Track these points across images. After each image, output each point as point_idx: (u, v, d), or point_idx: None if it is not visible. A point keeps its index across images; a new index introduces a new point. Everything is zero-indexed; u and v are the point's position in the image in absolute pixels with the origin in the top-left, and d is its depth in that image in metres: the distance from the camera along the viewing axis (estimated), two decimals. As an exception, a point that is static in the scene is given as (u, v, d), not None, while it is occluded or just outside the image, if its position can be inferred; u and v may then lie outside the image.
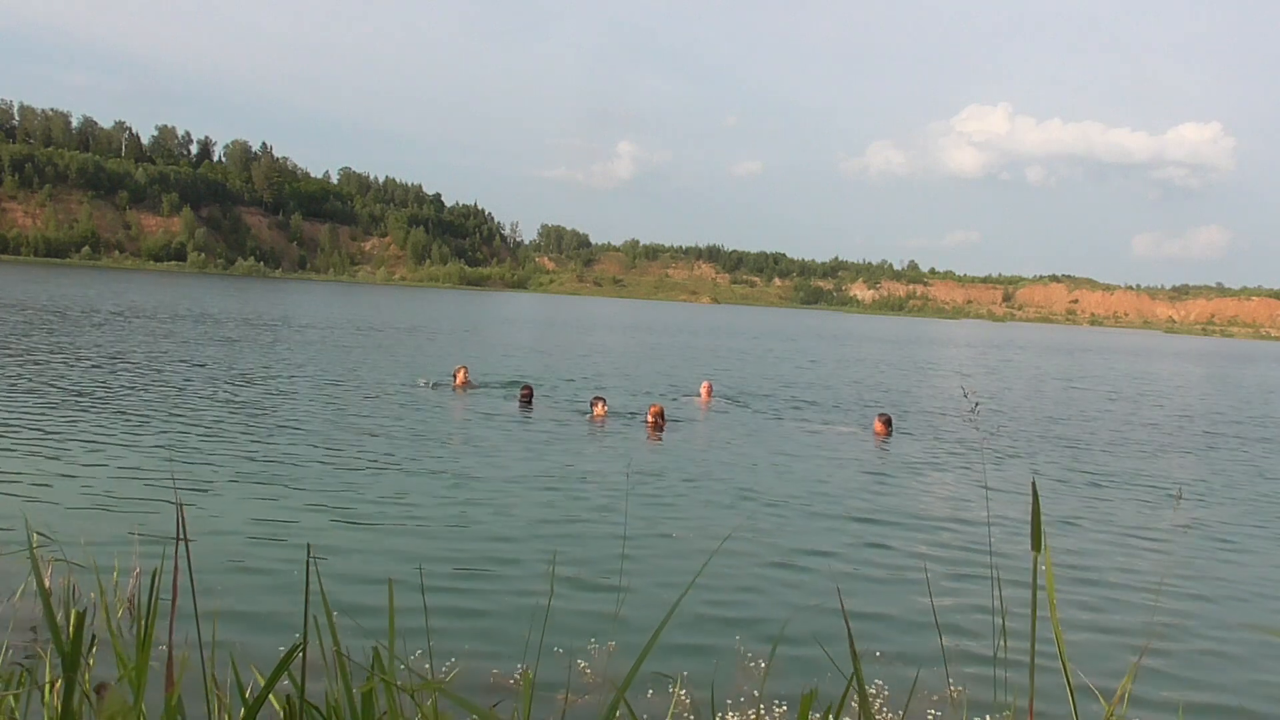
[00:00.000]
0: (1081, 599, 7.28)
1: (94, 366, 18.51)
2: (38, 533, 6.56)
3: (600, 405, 15.38)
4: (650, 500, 9.84)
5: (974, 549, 8.61)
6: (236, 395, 15.78)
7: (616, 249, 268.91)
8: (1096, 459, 14.65)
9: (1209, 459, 15.69)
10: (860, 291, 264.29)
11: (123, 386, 15.92)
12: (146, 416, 13.00)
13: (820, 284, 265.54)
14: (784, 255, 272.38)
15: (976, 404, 19.25)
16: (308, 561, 1.73)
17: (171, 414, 13.34)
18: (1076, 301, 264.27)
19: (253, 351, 24.30)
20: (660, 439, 13.95)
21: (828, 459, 13.16)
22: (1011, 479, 12.43)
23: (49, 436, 11.21)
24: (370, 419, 14.07)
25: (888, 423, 15.76)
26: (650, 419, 14.74)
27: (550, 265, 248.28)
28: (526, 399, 16.56)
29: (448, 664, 5.23)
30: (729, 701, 5.07)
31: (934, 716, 5.01)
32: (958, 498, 11.21)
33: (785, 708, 5.02)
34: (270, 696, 1.65)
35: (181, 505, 1.78)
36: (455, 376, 18.55)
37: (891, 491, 11.18)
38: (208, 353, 22.89)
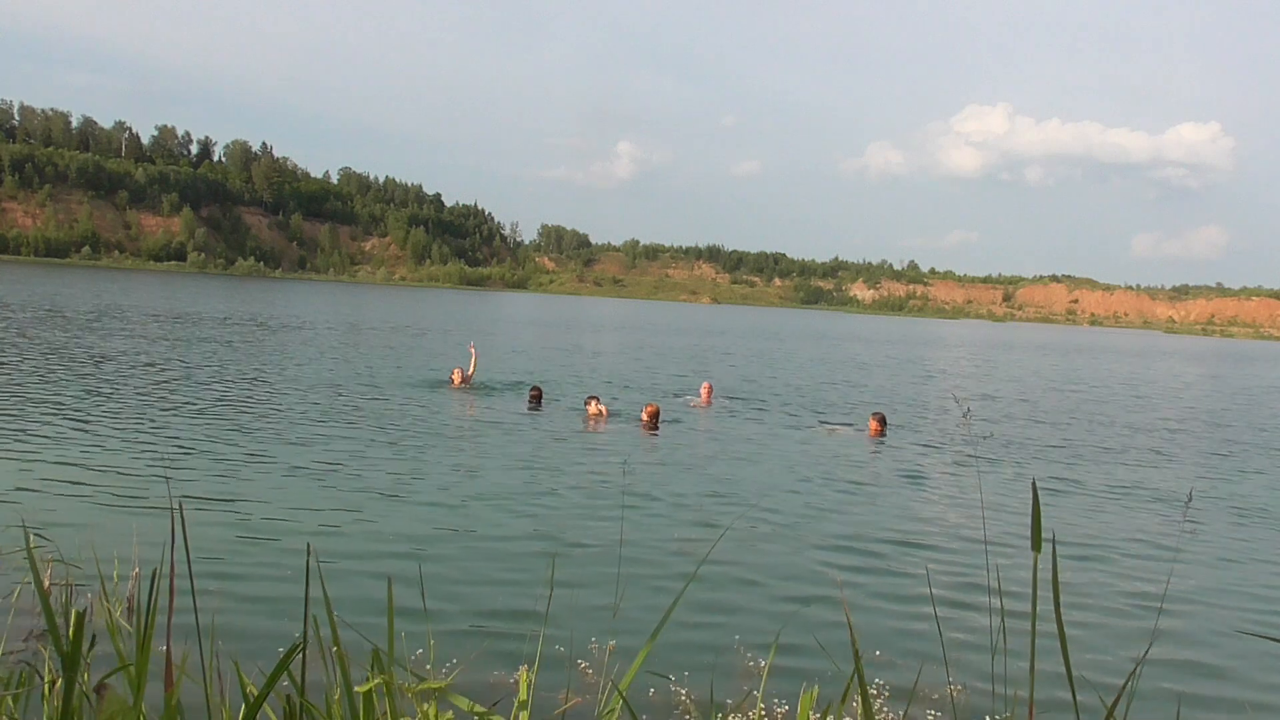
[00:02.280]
0: (1082, 602, 7.27)
1: (91, 366, 18.50)
2: (35, 533, 6.55)
3: (594, 404, 15.45)
4: (649, 500, 9.83)
5: (973, 549, 8.60)
6: (235, 395, 15.78)
7: (616, 249, 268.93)
8: (1094, 462, 14.65)
9: (1208, 463, 15.69)
10: (860, 291, 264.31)
11: (119, 386, 15.91)
12: (144, 416, 12.99)
13: (820, 284, 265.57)
14: (784, 255, 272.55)
15: (968, 410, 19.27)
16: (308, 561, 1.73)
17: (169, 413, 13.34)
18: (1076, 301, 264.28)
19: (251, 351, 24.29)
20: (656, 437, 13.98)
21: (825, 458, 13.16)
22: (1010, 480, 12.43)
23: (45, 436, 11.20)
24: (372, 419, 14.07)
25: (882, 421, 15.80)
26: (645, 418, 14.89)
27: (550, 265, 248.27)
28: (535, 400, 16.56)
29: (448, 664, 5.23)
30: (729, 701, 5.07)
31: (934, 716, 5.01)
32: (956, 497, 11.21)
33: (785, 708, 5.01)
34: (270, 696, 1.65)
35: (181, 504, 1.78)
36: (453, 378, 18.65)
37: (889, 491, 11.18)
38: (205, 352, 22.88)
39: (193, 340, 26.40)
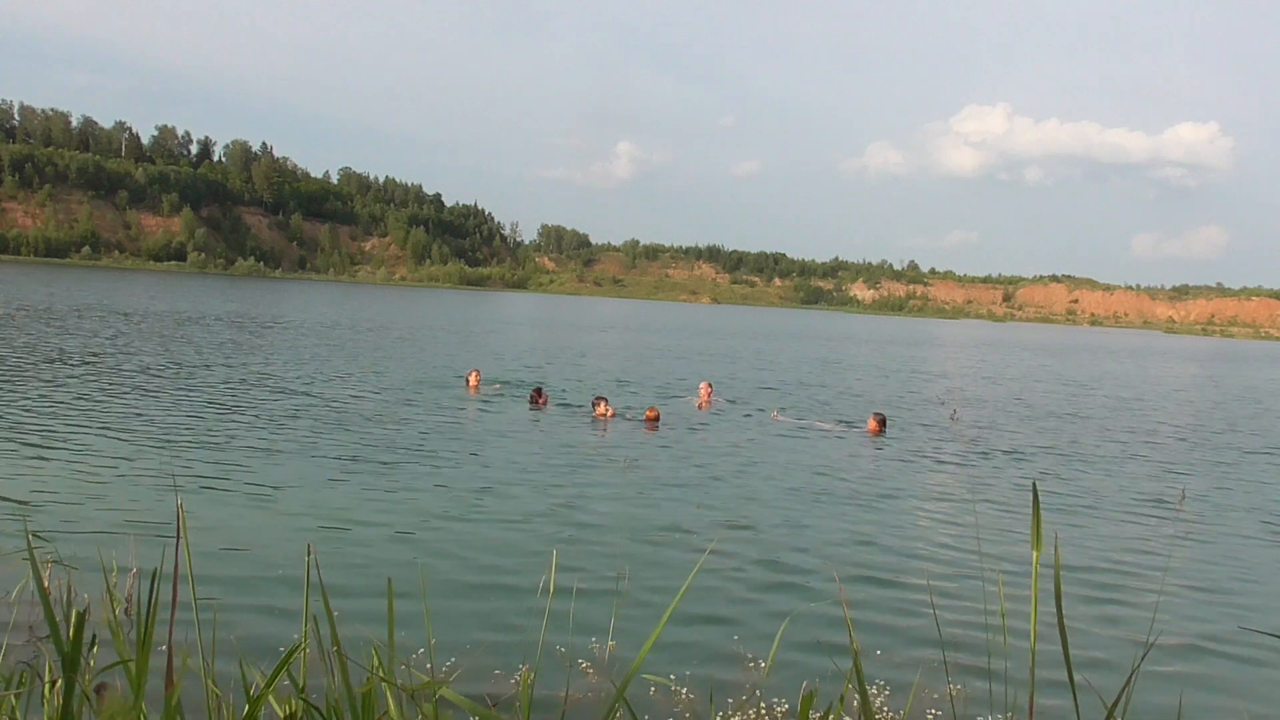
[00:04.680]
0: (1081, 602, 7.28)
1: (90, 366, 18.50)
2: (34, 534, 6.55)
3: (602, 405, 15.51)
4: (649, 501, 9.83)
5: (973, 548, 8.61)
6: (236, 394, 15.77)
7: (616, 249, 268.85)
8: (1091, 462, 14.65)
9: (1204, 463, 15.69)
10: (860, 291, 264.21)
11: (120, 386, 15.91)
12: (144, 416, 12.99)
13: (820, 284, 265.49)
14: (784, 255, 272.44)
15: (955, 412, 19.30)
16: (308, 561, 1.72)
17: (170, 413, 13.33)
18: (1076, 301, 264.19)
19: (252, 351, 24.29)
20: (657, 439, 13.99)
21: (824, 458, 13.16)
22: (1009, 480, 12.43)
23: (44, 437, 11.19)
24: (373, 419, 14.07)
25: (882, 421, 15.82)
26: (647, 420, 14.93)
27: (550, 265, 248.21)
28: (536, 400, 16.60)
29: (448, 664, 5.23)
30: (729, 701, 5.07)
31: (934, 716, 5.01)
32: (955, 497, 11.21)
33: (785, 708, 5.02)
34: (270, 696, 1.65)
35: (181, 505, 1.78)
36: (468, 380, 18.73)
37: (888, 491, 11.18)
38: (205, 353, 22.87)
39: (194, 340, 26.40)
